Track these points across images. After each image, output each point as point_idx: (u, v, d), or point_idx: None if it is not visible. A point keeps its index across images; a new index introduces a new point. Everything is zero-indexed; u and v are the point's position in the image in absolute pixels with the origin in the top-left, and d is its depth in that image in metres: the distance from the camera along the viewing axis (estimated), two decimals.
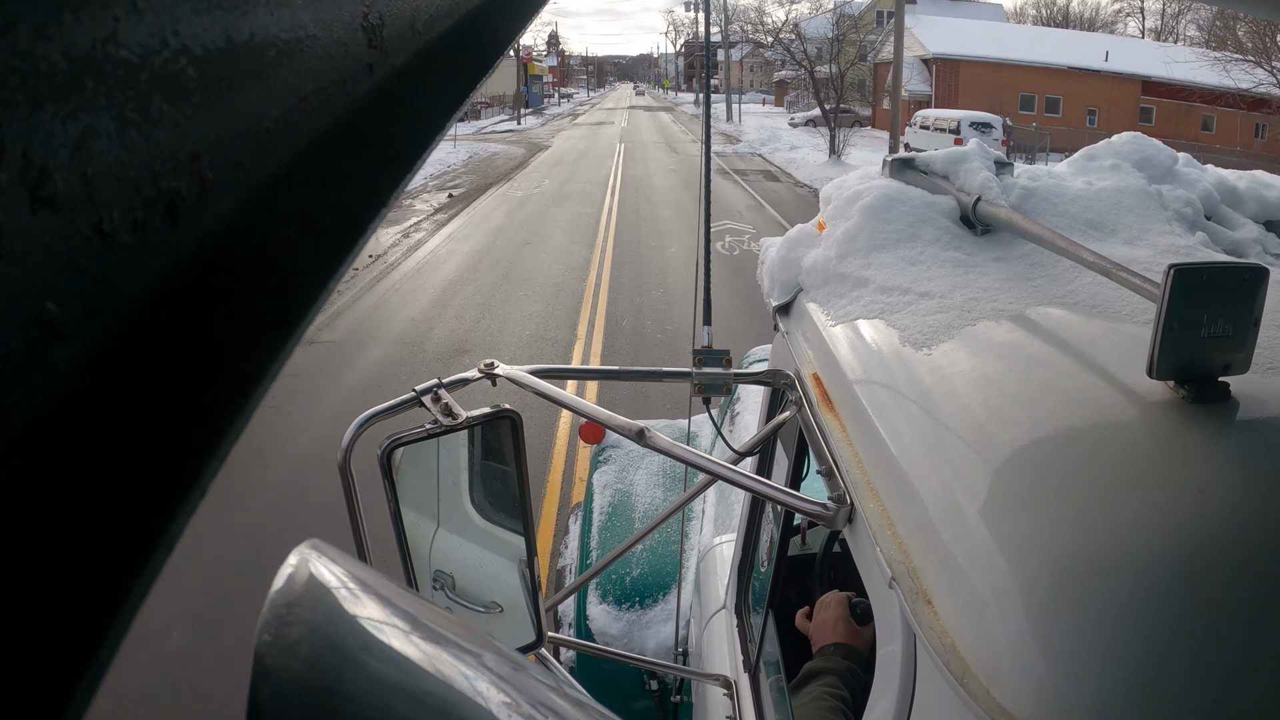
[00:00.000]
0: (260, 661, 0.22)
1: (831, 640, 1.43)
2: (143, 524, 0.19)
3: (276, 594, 0.24)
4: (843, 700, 1.29)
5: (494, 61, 0.37)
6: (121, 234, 0.21)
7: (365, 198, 0.28)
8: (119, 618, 0.18)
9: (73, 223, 0.19)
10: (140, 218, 0.21)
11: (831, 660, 1.38)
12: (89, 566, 0.18)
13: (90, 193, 0.19)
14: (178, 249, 0.22)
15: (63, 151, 0.19)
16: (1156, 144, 1.39)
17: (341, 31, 0.29)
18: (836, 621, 1.45)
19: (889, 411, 0.93)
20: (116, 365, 0.20)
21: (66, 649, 0.17)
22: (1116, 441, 0.77)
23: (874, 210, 1.23)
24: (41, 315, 0.18)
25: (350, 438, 1.17)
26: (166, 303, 0.22)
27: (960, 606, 0.68)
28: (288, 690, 0.22)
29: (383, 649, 0.25)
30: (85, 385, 0.19)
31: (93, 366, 0.20)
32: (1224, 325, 0.73)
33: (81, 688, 0.17)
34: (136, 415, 0.20)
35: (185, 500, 0.20)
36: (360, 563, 0.28)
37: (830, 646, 1.42)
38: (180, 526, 0.20)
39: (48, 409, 0.19)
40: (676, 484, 3.24)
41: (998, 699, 0.60)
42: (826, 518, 0.96)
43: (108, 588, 0.18)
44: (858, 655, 1.40)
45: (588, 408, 1.19)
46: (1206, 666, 0.57)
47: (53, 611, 0.17)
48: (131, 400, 0.20)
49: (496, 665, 0.27)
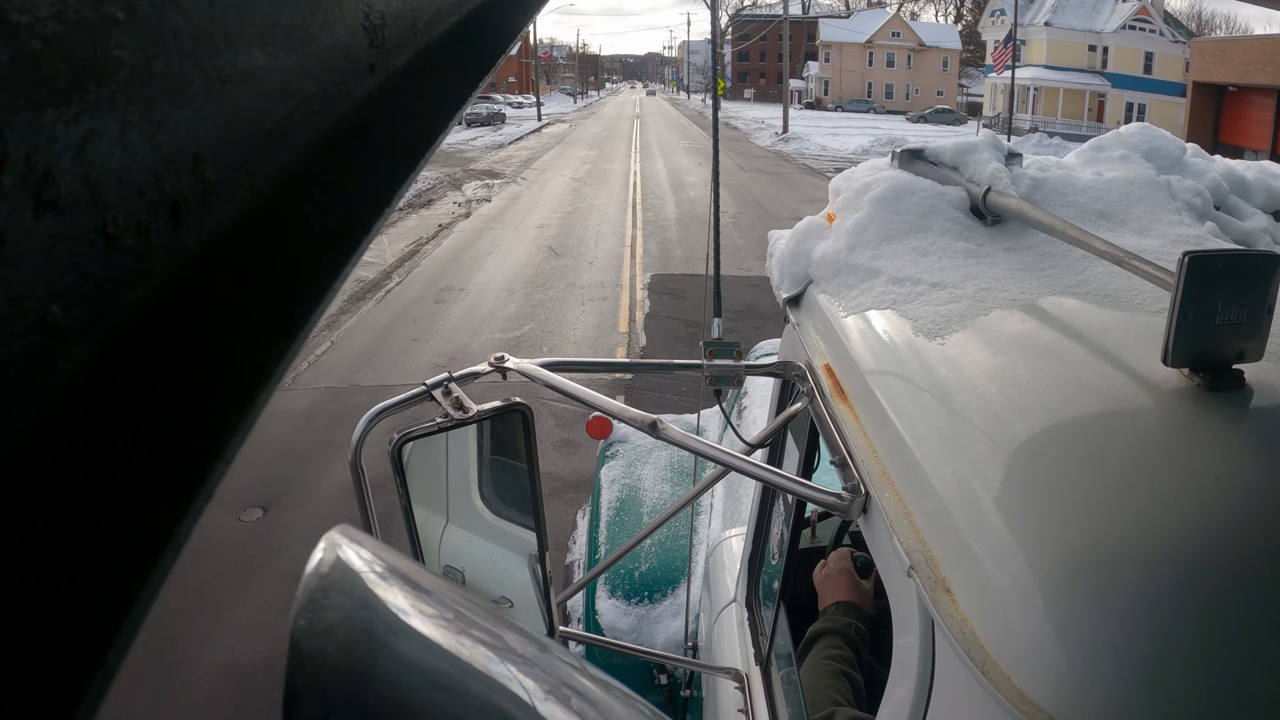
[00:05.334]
0: (296, 646, 0.22)
1: (834, 599, 1.47)
2: (148, 528, 0.19)
3: (309, 578, 0.24)
4: (845, 660, 1.32)
5: (496, 61, 0.37)
6: (125, 237, 0.21)
7: (368, 199, 0.28)
8: (126, 622, 0.18)
9: (76, 226, 0.19)
10: (143, 220, 0.21)
11: (833, 620, 1.42)
12: (95, 571, 0.18)
13: (93, 196, 0.19)
14: (181, 251, 0.22)
15: (66, 155, 0.19)
16: (1165, 134, 1.38)
17: (343, 32, 0.29)
18: (839, 575, 1.50)
19: (903, 402, 0.93)
20: (121, 368, 0.20)
21: (74, 654, 0.17)
22: (1132, 430, 0.77)
23: (884, 201, 1.22)
24: (45, 318, 0.19)
25: (360, 432, 1.17)
26: (170, 305, 0.22)
27: (979, 595, 0.68)
28: (324, 675, 0.22)
29: (412, 633, 0.25)
30: (89, 388, 0.19)
31: (97, 369, 0.20)
32: (1238, 313, 0.73)
33: (91, 692, 0.17)
34: (141, 418, 0.20)
35: (191, 504, 0.20)
36: (388, 547, 0.28)
37: (832, 606, 1.45)
38: (186, 530, 0.20)
39: (52, 412, 0.19)
40: (684, 478, 3.24)
41: (1019, 686, 0.61)
42: (841, 508, 0.97)
43: (114, 592, 0.18)
44: (858, 611, 1.44)
45: (600, 400, 1.19)
46: (1225, 655, 0.57)
47: (58, 616, 0.17)
48: (136, 403, 0.20)
49: (521, 647, 0.27)
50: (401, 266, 10.91)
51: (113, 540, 0.18)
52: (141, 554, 0.19)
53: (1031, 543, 0.67)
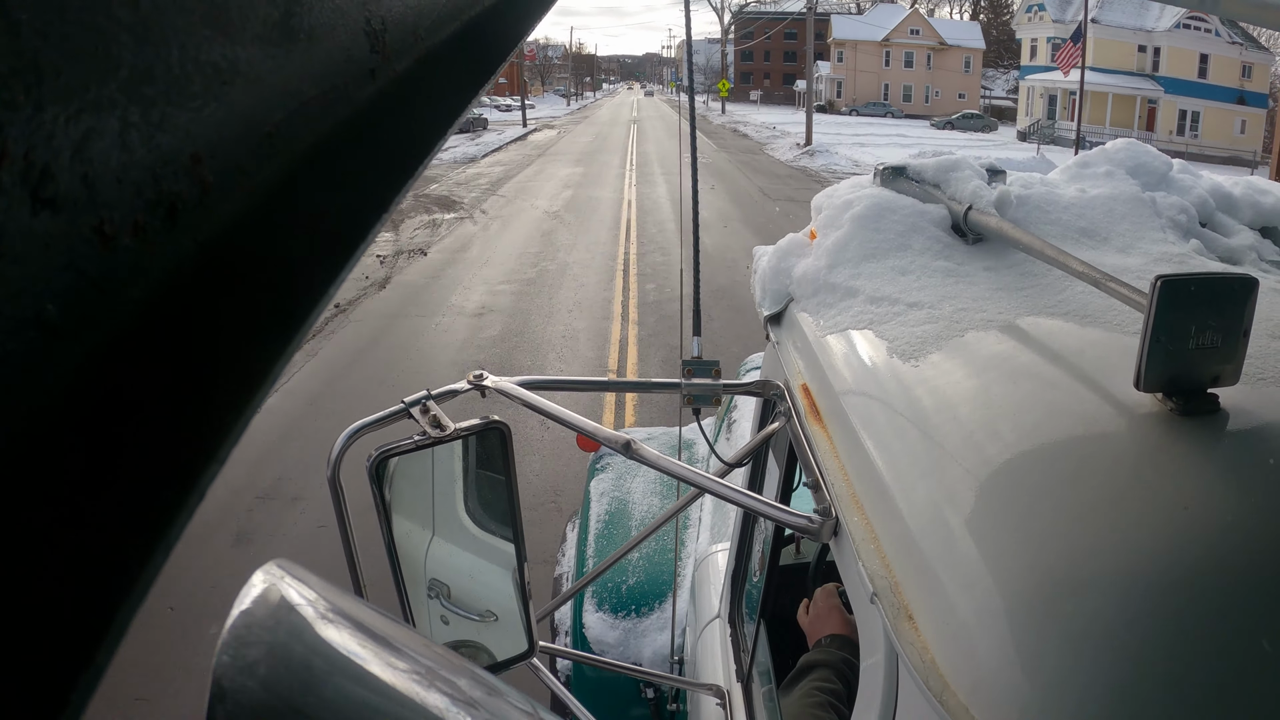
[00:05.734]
0: (217, 683, 0.22)
1: (826, 632, 1.45)
2: (141, 527, 0.19)
3: (238, 615, 0.24)
4: (834, 694, 1.31)
5: (497, 67, 0.37)
6: (122, 236, 0.20)
7: (366, 202, 0.28)
8: (116, 621, 0.18)
9: (73, 224, 0.19)
10: (141, 220, 0.21)
11: (826, 652, 1.40)
12: (86, 570, 0.18)
13: (91, 195, 0.19)
14: (178, 252, 0.22)
15: (64, 153, 0.19)
16: (1151, 150, 1.39)
17: (344, 36, 0.29)
18: (830, 612, 1.47)
19: (875, 424, 0.92)
20: (116, 368, 0.20)
21: (63, 652, 0.17)
22: (1103, 455, 0.76)
23: (865, 219, 1.22)
24: (41, 316, 0.18)
25: (339, 450, 1.17)
26: (166, 305, 0.22)
27: (941, 623, 0.67)
28: (244, 712, 0.22)
29: (348, 668, 0.24)
30: (84, 387, 0.19)
31: (92, 369, 0.20)
32: (1213, 337, 0.73)
33: (78, 691, 0.17)
34: (135, 418, 0.20)
35: (183, 504, 0.20)
36: (328, 583, 0.28)
37: (826, 638, 1.43)
38: (179, 530, 0.20)
39: (46, 411, 0.18)
40: (674, 492, 3.24)
41: (976, 717, 0.60)
42: (812, 531, 0.96)
43: (104, 592, 0.18)
44: (852, 645, 1.41)
45: (575, 420, 1.18)
46: (1190, 685, 0.56)
47: (49, 615, 0.17)
48: (131, 403, 0.20)
49: (469, 689, 0.27)
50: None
51: (105, 540, 0.18)
52: (133, 553, 0.19)
53: (997, 568, 0.66)
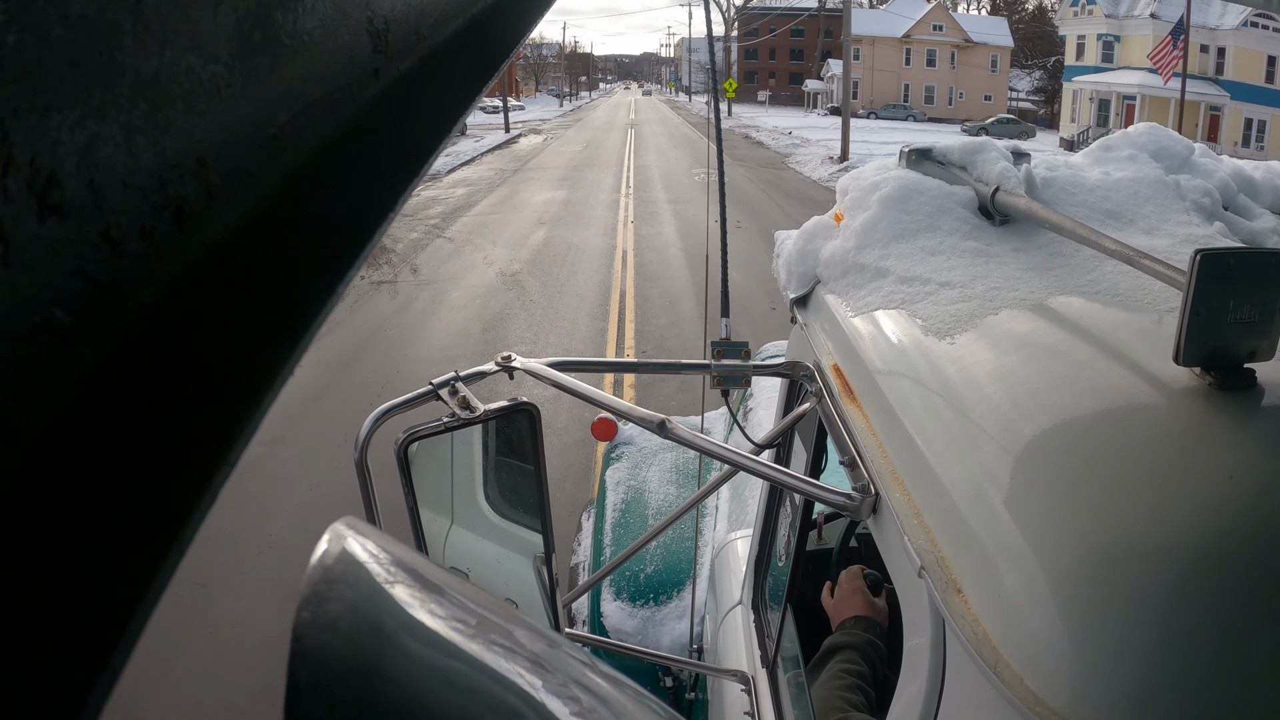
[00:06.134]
0: (299, 640, 0.21)
1: (851, 614, 1.45)
2: (153, 531, 0.19)
3: (314, 570, 0.23)
4: (860, 675, 1.31)
5: (500, 65, 0.37)
6: (129, 241, 0.21)
7: (372, 202, 0.28)
8: (131, 625, 0.18)
9: (81, 230, 0.19)
10: (148, 224, 0.21)
11: (851, 634, 1.40)
12: (99, 574, 0.18)
13: (98, 200, 0.20)
14: (185, 255, 0.22)
15: (70, 159, 0.19)
16: (1173, 134, 1.38)
17: (347, 37, 0.29)
18: (854, 594, 1.48)
19: (912, 402, 0.93)
20: (125, 372, 0.20)
21: (78, 657, 0.17)
22: (1143, 429, 0.77)
23: (892, 201, 1.22)
24: (50, 322, 0.19)
25: (367, 431, 1.17)
26: (174, 309, 0.22)
27: (990, 595, 0.68)
28: (329, 670, 0.21)
29: (420, 627, 0.24)
30: (94, 392, 0.20)
31: (101, 373, 0.20)
32: (1250, 311, 0.73)
33: (94, 695, 0.17)
34: (145, 422, 0.20)
35: (195, 507, 0.20)
36: (394, 540, 0.28)
37: (850, 620, 1.43)
38: (191, 533, 0.20)
39: (57, 416, 0.19)
40: (689, 480, 3.24)
41: (1031, 687, 0.60)
42: (851, 508, 0.96)
43: (118, 595, 0.18)
44: (877, 627, 1.42)
45: (606, 399, 1.19)
46: (1238, 654, 0.57)
47: (63, 620, 0.17)
48: (140, 407, 0.20)
49: (531, 643, 0.27)
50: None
51: (117, 544, 0.19)
52: (146, 557, 0.19)
53: (1044, 542, 0.67)
